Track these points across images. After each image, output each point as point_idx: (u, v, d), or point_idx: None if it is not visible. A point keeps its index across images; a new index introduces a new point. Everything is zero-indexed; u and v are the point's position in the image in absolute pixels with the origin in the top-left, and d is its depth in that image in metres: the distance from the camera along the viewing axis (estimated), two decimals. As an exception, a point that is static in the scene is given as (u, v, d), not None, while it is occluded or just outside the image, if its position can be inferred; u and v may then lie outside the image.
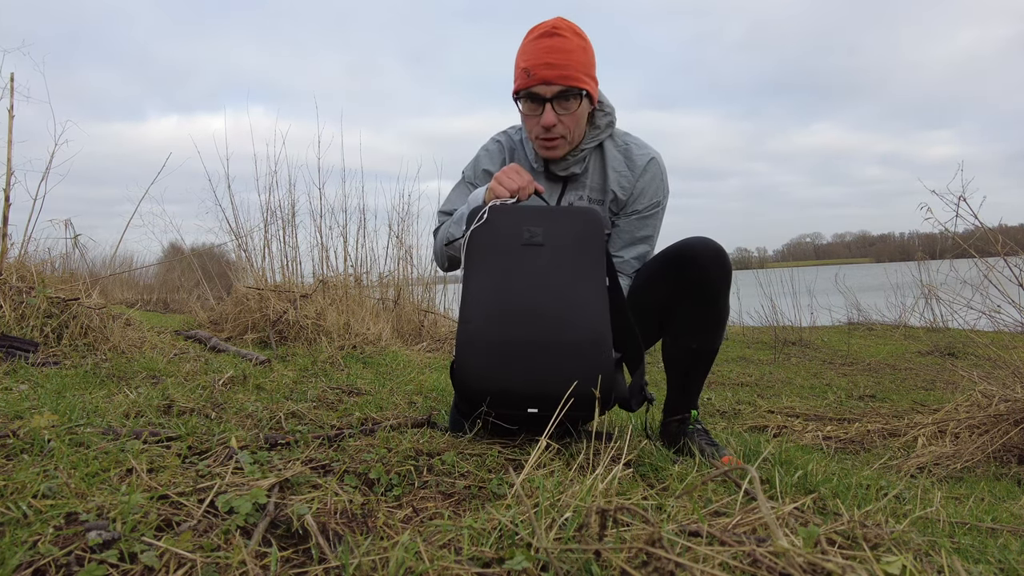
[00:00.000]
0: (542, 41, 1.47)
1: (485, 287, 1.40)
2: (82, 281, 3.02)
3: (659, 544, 0.71)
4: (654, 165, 1.64)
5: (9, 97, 2.90)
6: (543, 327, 1.36)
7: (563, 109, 1.49)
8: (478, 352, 1.35)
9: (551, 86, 1.47)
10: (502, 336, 1.36)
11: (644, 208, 1.64)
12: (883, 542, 0.83)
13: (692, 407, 1.63)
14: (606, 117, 1.62)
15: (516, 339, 1.35)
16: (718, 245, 1.49)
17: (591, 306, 1.38)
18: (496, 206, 1.45)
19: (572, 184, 1.65)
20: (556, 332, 1.35)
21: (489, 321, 1.37)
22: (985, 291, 2.77)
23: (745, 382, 3.64)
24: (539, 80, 1.47)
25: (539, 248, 1.42)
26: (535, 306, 1.38)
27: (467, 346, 1.36)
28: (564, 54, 1.46)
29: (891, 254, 22.79)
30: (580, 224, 1.44)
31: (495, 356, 1.35)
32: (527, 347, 1.35)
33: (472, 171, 1.74)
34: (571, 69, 1.47)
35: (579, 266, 1.41)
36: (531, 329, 1.36)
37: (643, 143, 1.68)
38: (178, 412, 1.59)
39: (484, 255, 1.43)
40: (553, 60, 1.45)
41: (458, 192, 1.76)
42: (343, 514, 0.92)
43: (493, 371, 1.34)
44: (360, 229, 5.12)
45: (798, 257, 68.50)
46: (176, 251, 7.57)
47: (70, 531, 0.77)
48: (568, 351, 1.34)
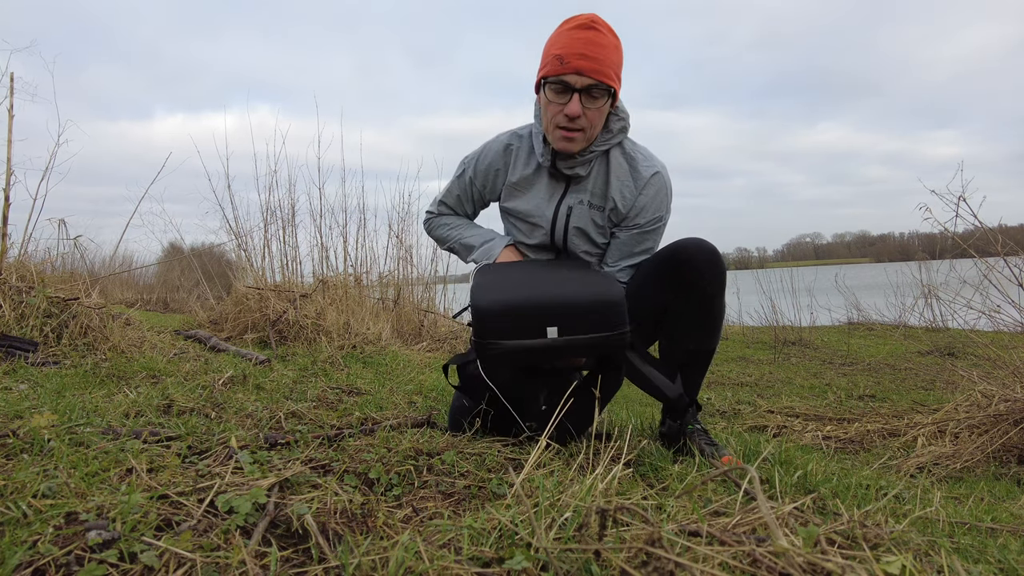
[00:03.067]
0: (580, 32, 1.47)
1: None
2: (82, 281, 3.02)
3: (659, 544, 0.71)
4: (658, 179, 1.62)
5: (9, 97, 2.90)
6: (551, 268, 1.49)
7: (590, 102, 1.50)
8: (494, 285, 1.40)
9: (583, 77, 1.47)
10: (513, 275, 1.45)
11: (646, 223, 1.62)
12: (883, 542, 0.83)
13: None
14: (620, 122, 1.61)
15: (531, 276, 1.45)
16: (712, 246, 1.49)
17: (607, 277, 1.47)
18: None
19: (574, 186, 1.63)
20: (573, 286, 1.40)
21: (497, 274, 1.48)
22: (985, 291, 2.77)
23: (745, 382, 3.64)
24: (572, 69, 1.47)
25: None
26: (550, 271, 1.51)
27: (478, 287, 1.40)
28: (600, 48, 1.47)
29: (891, 254, 22.79)
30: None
31: (510, 285, 1.40)
32: (537, 272, 1.48)
33: (474, 169, 1.73)
34: (605, 65, 1.48)
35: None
36: (539, 267, 1.52)
37: (650, 155, 1.65)
38: (178, 412, 1.59)
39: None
40: (589, 52, 1.46)
41: (455, 187, 1.78)
42: (343, 514, 0.92)
43: (507, 292, 1.37)
44: (360, 229, 5.13)
45: (798, 257, 68.39)
46: (176, 251, 7.57)
47: (70, 531, 0.76)
48: (584, 282, 1.41)
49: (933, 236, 4.27)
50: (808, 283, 7.04)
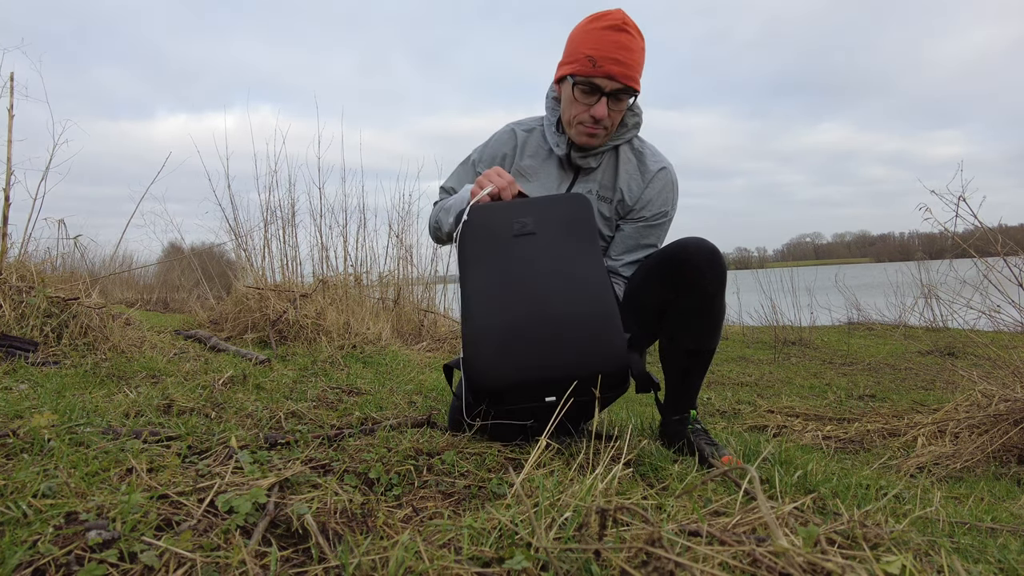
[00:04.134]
0: (612, 35, 1.47)
1: (483, 281, 1.39)
2: (82, 281, 3.01)
3: (659, 544, 0.71)
4: (665, 175, 1.65)
5: (9, 96, 2.90)
6: (546, 307, 1.33)
7: (615, 104, 1.53)
8: (486, 347, 1.31)
9: (614, 82, 1.48)
10: (507, 324, 1.32)
11: (651, 216, 1.65)
12: (883, 542, 0.83)
13: (691, 407, 1.63)
14: (635, 118, 1.64)
15: (521, 325, 1.32)
16: (713, 246, 1.49)
17: (592, 280, 1.36)
18: (477, 205, 1.46)
19: (583, 176, 1.66)
20: (561, 309, 1.32)
21: (491, 312, 1.34)
22: (985, 291, 2.77)
23: (745, 382, 3.64)
24: (604, 73, 1.47)
25: (532, 236, 1.42)
26: (535, 288, 1.35)
27: (473, 344, 1.32)
28: (631, 53, 1.48)
29: (891, 254, 22.81)
30: (569, 207, 1.45)
31: (503, 348, 1.30)
32: (534, 331, 1.31)
33: (479, 154, 1.75)
34: (634, 70, 1.49)
35: (574, 246, 1.40)
36: (535, 311, 1.32)
37: (658, 152, 1.68)
38: (178, 412, 1.59)
39: (478, 252, 1.42)
40: (622, 57, 1.47)
41: (460, 172, 1.78)
42: (343, 514, 0.92)
43: (504, 364, 1.29)
44: (360, 229, 5.13)
45: (798, 257, 68.48)
46: (176, 251, 7.57)
47: (70, 531, 0.76)
48: (577, 327, 1.30)
49: (933, 236, 4.28)
50: (808, 283, 7.04)
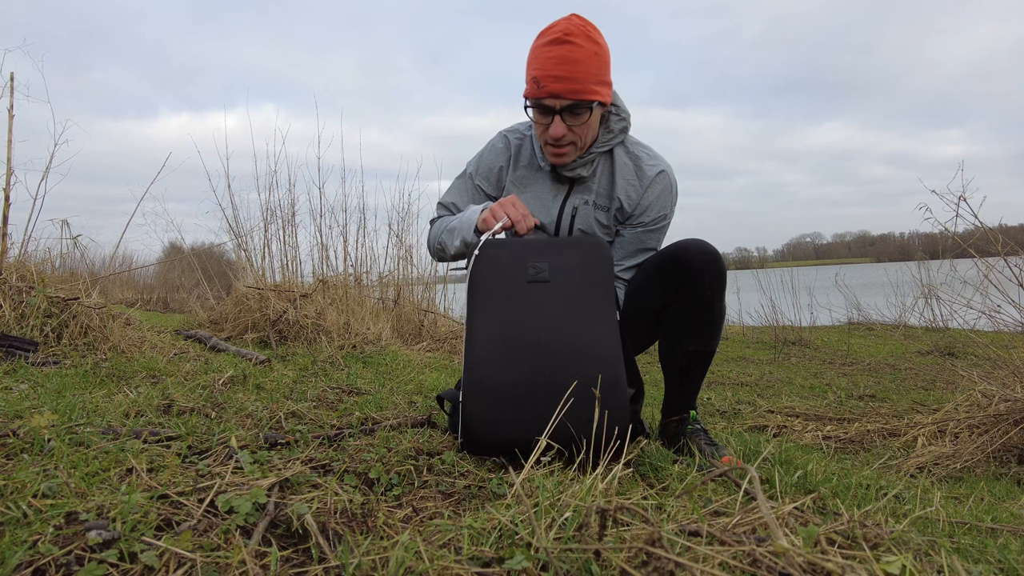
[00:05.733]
0: (552, 49, 1.40)
1: (491, 327, 1.33)
2: (82, 281, 3.02)
3: (659, 544, 0.71)
4: (664, 178, 1.61)
5: (9, 96, 2.90)
6: (553, 368, 1.27)
7: (573, 120, 1.46)
8: (487, 400, 1.27)
9: (560, 99, 1.42)
10: (510, 380, 1.28)
11: (651, 221, 1.62)
12: (883, 542, 0.83)
13: (691, 407, 1.63)
14: (620, 122, 1.58)
15: (525, 383, 1.27)
16: (713, 248, 1.48)
17: (602, 342, 1.30)
18: (490, 240, 1.41)
19: (579, 187, 1.62)
20: (567, 373, 1.27)
21: (495, 365, 1.29)
22: (985, 291, 2.77)
23: (745, 382, 3.64)
24: (547, 93, 1.42)
25: (545, 284, 1.36)
26: (543, 346, 1.30)
27: (473, 395, 1.28)
28: (573, 65, 1.39)
29: (891, 254, 22.82)
30: (587, 257, 1.39)
31: (504, 404, 1.26)
32: (537, 392, 1.26)
33: (475, 167, 1.72)
34: (580, 82, 1.40)
35: (587, 301, 1.34)
36: (540, 371, 1.28)
37: (655, 153, 1.64)
38: (178, 412, 1.59)
39: (488, 293, 1.36)
40: (562, 72, 1.39)
41: (458, 186, 1.74)
42: (343, 514, 0.92)
43: (503, 420, 1.25)
44: (360, 228, 5.13)
45: (798, 257, 68.42)
46: (176, 250, 7.57)
47: (70, 530, 0.76)
48: (581, 394, 1.24)
49: (933, 236, 4.28)
50: (808, 283, 7.04)
